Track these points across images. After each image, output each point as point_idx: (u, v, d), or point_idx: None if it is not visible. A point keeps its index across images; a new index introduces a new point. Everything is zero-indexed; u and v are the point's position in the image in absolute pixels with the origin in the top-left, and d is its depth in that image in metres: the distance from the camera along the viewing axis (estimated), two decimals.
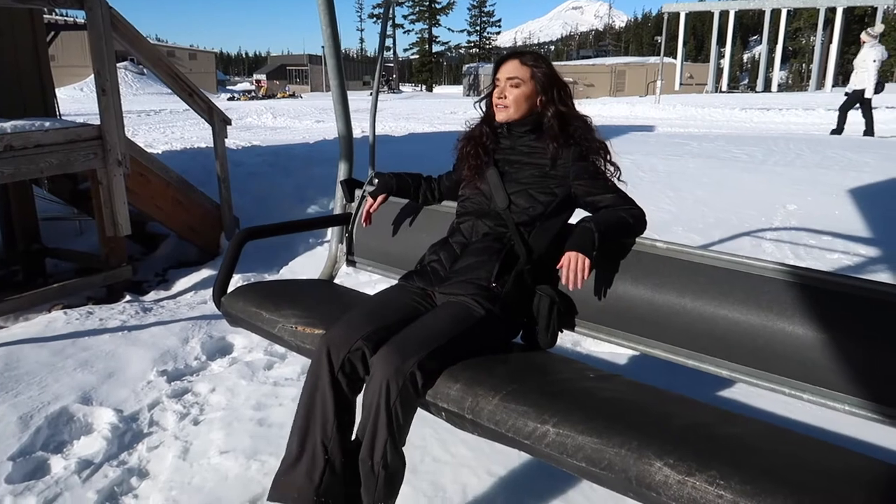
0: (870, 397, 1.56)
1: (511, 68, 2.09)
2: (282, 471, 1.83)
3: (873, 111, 10.85)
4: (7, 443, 2.45)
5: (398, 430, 1.70)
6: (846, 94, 11.09)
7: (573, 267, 1.82)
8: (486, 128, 2.19)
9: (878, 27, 11.24)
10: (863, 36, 10.98)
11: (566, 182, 2.05)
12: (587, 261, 1.82)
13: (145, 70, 37.78)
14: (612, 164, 2.07)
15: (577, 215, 2.13)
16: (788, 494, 1.22)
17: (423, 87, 63.10)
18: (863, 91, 10.63)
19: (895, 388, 1.53)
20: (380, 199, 2.42)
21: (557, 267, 1.87)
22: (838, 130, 10.89)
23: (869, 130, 10.72)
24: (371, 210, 2.44)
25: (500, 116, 2.11)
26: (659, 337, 1.88)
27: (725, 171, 6.69)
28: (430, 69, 66.17)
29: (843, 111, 10.96)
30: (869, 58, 10.48)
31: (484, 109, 2.25)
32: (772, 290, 1.70)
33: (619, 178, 2.09)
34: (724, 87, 26.64)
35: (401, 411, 1.68)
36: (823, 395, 1.62)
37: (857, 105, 10.87)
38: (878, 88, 10.68)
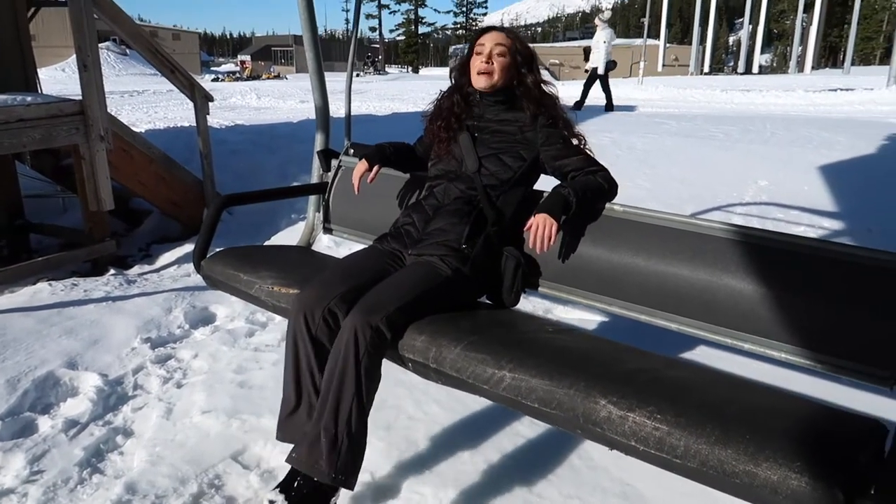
0: (804, 345, 1.69)
1: (497, 37, 2.16)
2: (284, 416, 1.96)
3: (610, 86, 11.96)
4: None
5: (366, 394, 1.76)
6: (585, 70, 12.33)
7: (540, 232, 1.91)
8: (457, 97, 2.25)
9: (607, 14, 12.62)
10: (596, 21, 12.29)
11: (535, 147, 2.15)
12: (555, 225, 1.91)
13: (128, 50, 37.34)
14: (577, 136, 2.17)
15: (544, 183, 2.25)
16: (717, 425, 1.34)
17: (410, 68, 62.76)
18: (596, 69, 11.76)
19: (826, 336, 1.66)
20: (375, 168, 2.34)
21: (525, 229, 1.95)
22: (579, 105, 11.72)
23: (608, 104, 11.68)
24: (369, 181, 2.33)
25: (483, 82, 2.14)
26: (615, 294, 2.00)
27: (701, 149, 6.82)
28: (416, 50, 65.84)
29: (586, 87, 11.97)
30: (601, 39, 11.64)
31: (457, 78, 2.28)
32: (716, 248, 1.82)
33: (583, 145, 2.19)
34: (706, 69, 26.77)
35: (369, 368, 1.75)
36: (762, 344, 1.75)
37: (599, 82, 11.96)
38: (610, 66, 11.81)
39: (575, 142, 2.17)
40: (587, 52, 12.53)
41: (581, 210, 1.98)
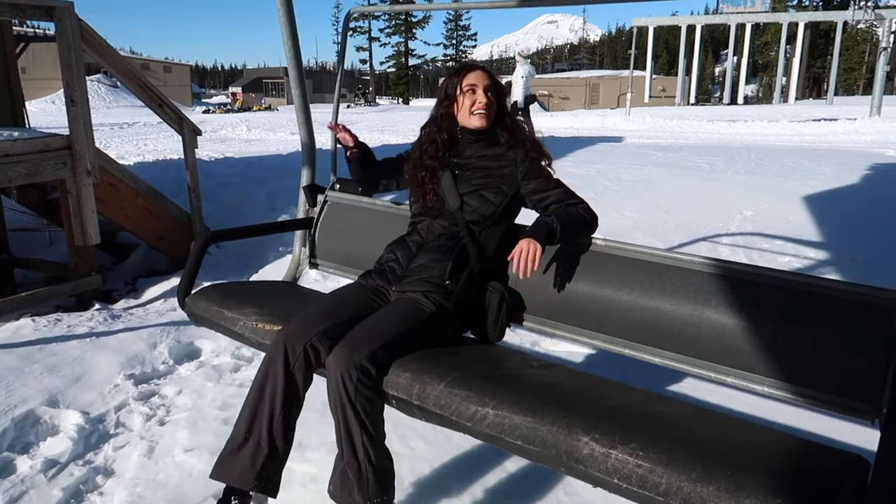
0: (785, 379, 1.69)
1: (484, 77, 2.19)
2: (226, 452, 1.92)
3: (530, 116, 12.64)
4: None
5: (372, 425, 1.78)
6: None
7: (524, 255, 1.88)
8: (444, 136, 2.23)
9: (526, 51, 13.60)
10: (516, 57, 13.11)
11: (515, 181, 2.16)
12: (539, 249, 1.89)
13: (119, 83, 37.55)
14: (547, 155, 2.18)
15: (524, 218, 2.26)
16: (698, 462, 1.34)
17: (400, 99, 63.37)
18: (516, 102, 12.42)
19: (808, 369, 1.66)
20: (354, 145, 2.40)
21: (510, 258, 1.93)
22: None
23: None
24: (345, 142, 2.41)
25: (478, 122, 2.16)
26: (599, 328, 2.00)
27: (687, 180, 6.89)
28: (406, 82, 66.46)
29: None
30: (519, 74, 12.46)
31: (442, 118, 2.25)
32: (698, 282, 1.83)
33: (549, 166, 2.20)
34: (692, 100, 27.18)
35: (366, 405, 1.75)
36: (745, 378, 1.75)
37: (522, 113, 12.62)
38: (530, 99, 12.53)
39: (551, 171, 2.18)
40: (508, 86, 12.95)
41: (564, 238, 1.99)
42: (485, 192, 2.15)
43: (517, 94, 12.42)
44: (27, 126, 5.47)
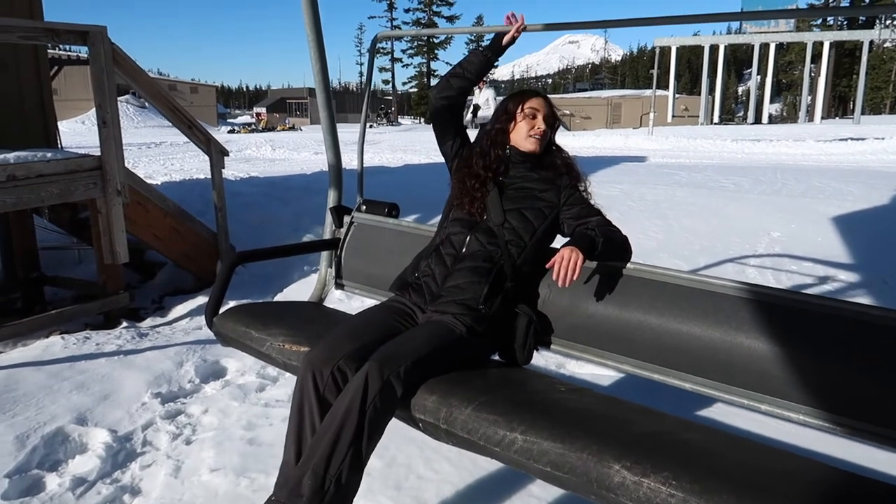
0: (821, 407, 1.65)
1: (546, 105, 2.26)
2: (283, 476, 1.87)
3: None
4: (3, 461, 2.52)
5: (366, 442, 1.69)
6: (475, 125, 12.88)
7: (565, 262, 1.87)
8: (497, 151, 2.26)
9: (490, 76, 13.62)
10: (484, 78, 13.29)
11: (556, 206, 2.20)
12: (581, 258, 1.88)
13: (147, 103, 38.26)
14: (586, 184, 2.26)
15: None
16: (732, 492, 1.31)
17: (422, 119, 63.82)
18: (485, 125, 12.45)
19: (843, 397, 1.62)
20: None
21: (549, 265, 1.91)
22: None
23: None
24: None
25: (532, 146, 2.23)
26: (628, 353, 1.98)
27: (712, 200, 6.83)
28: (428, 102, 66.95)
29: None
30: (482, 98, 12.67)
31: (496, 136, 2.28)
32: (729, 307, 1.81)
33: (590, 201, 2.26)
34: (716, 119, 27.05)
35: (374, 419, 1.70)
36: (779, 406, 1.72)
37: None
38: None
39: (592, 202, 2.24)
40: (476, 109, 13.03)
41: (604, 254, 2.00)
42: (527, 213, 2.17)
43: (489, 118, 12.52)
44: (59, 146, 5.59)
